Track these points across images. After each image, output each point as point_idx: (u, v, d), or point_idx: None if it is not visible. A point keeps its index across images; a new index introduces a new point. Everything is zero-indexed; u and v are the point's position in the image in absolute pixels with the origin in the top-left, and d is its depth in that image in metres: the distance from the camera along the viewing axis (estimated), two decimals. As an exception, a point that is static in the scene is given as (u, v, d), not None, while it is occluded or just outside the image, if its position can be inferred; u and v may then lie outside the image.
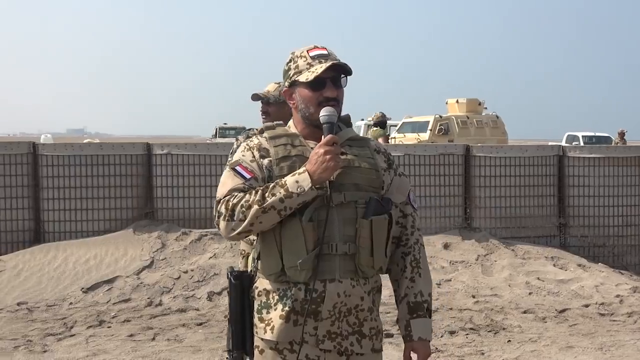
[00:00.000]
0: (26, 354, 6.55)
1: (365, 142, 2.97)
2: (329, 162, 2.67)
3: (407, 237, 2.96)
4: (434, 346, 6.79)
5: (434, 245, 9.66)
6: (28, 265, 8.86)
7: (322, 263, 2.74)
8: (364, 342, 2.82)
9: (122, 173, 9.66)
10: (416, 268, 2.94)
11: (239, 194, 2.76)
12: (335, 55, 2.88)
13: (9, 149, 9.57)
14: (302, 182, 2.68)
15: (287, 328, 2.76)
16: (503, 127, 26.44)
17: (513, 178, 10.22)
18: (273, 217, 2.70)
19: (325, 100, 2.82)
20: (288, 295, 2.76)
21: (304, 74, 2.83)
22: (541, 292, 8.59)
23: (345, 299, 2.76)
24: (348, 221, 2.78)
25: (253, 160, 2.85)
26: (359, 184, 2.81)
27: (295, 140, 2.87)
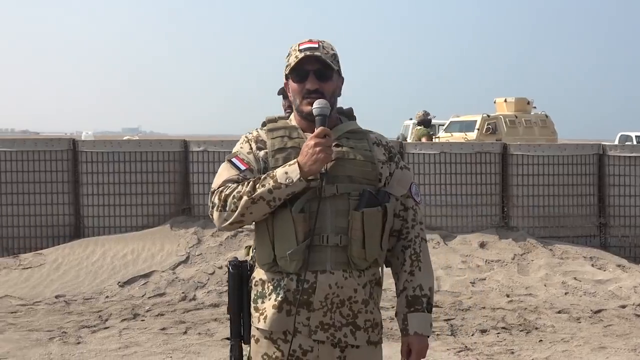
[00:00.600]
0: (60, 345, 6.69)
1: (364, 134, 2.97)
2: (319, 154, 2.68)
3: (408, 230, 2.95)
4: (464, 344, 6.76)
5: (470, 244, 9.60)
6: (67, 259, 9.06)
7: (313, 254, 2.75)
8: (358, 334, 2.82)
9: (159, 170, 9.81)
10: (416, 262, 2.92)
11: (232, 184, 2.80)
12: (327, 50, 2.89)
13: (49, 145, 9.79)
14: (291, 173, 2.71)
15: (279, 318, 2.78)
16: (552, 127, 26.05)
17: (552, 177, 10.10)
18: (263, 208, 2.73)
19: (307, 92, 2.84)
20: (281, 285, 2.78)
21: (290, 66, 2.88)
22: (577, 292, 8.47)
23: (337, 290, 2.77)
24: (340, 213, 2.78)
25: (250, 152, 2.89)
26: (353, 176, 2.82)
27: (293, 133, 2.90)
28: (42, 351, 6.50)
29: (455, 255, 9.32)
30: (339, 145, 2.85)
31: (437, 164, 10.01)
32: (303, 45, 2.88)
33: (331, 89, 2.89)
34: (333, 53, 2.91)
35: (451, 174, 9.99)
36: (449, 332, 7.14)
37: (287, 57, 2.93)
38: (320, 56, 2.84)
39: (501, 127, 24.88)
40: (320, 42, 2.90)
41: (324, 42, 2.91)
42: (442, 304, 8.08)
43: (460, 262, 9.14)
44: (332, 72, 2.89)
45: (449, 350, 6.60)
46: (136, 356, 6.43)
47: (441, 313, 7.74)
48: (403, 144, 10.33)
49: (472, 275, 8.84)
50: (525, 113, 25.73)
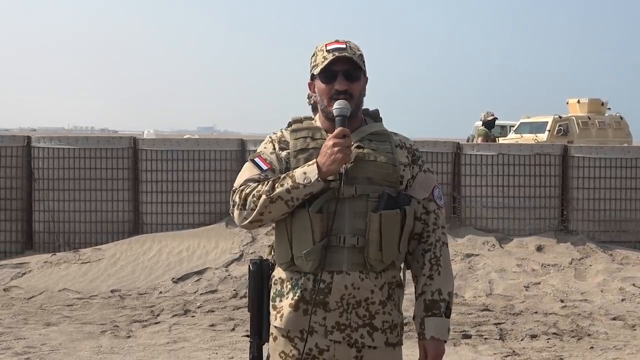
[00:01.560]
0: (111, 339, 6.85)
1: (387, 136, 2.95)
2: (337, 155, 2.68)
3: (429, 234, 2.93)
4: (512, 349, 6.66)
5: (527, 247, 9.45)
6: (125, 255, 9.27)
7: (330, 254, 2.75)
8: (375, 335, 2.81)
9: (217, 168, 9.95)
10: (435, 265, 2.89)
11: (252, 184, 2.82)
12: (354, 50, 2.88)
13: (111, 143, 10.04)
14: (309, 173, 2.72)
15: (296, 316, 2.79)
16: (627, 129, 25.38)
17: (614, 180, 9.86)
18: (281, 207, 2.75)
19: (336, 93, 2.83)
20: (299, 284, 2.80)
21: (318, 66, 2.87)
22: (635, 298, 8.25)
23: (353, 291, 2.77)
24: (359, 214, 2.78)
25: (272, 152, 2.91)
26: (373, 177, 2.81)
27: (316, 134, 2.90)
28: (93, 344, 6.67)
29: (510, 258, 9.18)
30: (360, 146, 2.85)
31: (494, 166, 9.87)
32: (330, 45, 2.88)
33: (359, 90, 2.89)
34: (360, 53, 2.90)
35: (509, 176, 9.85)
36: (498, 337, 7.04)
37: (313, 57, 2.93)
38: (352, 57, 2.83)
39: (573, 128, 24.35)
40: (347, 43, 2.90)
41: (350, 43, 2.91)
42: (494, 307, 7.98)
43: (515, 266, 9.00)
44: (361, 72, 2.89)
45: (495, 355, 6.51)
46: (183, 351, 6.54)
47: (491, 317, 7.64)
48: (460, 145, 10.22)
49: (526, 279, 8.70)
50: (599, 114, 25.13)
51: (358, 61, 2.86)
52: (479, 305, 8.10)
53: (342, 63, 2.83)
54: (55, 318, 7.50)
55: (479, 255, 9.27)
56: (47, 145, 10.01)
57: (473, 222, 9.90)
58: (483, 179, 9.88)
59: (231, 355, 6.45)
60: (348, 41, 2.91)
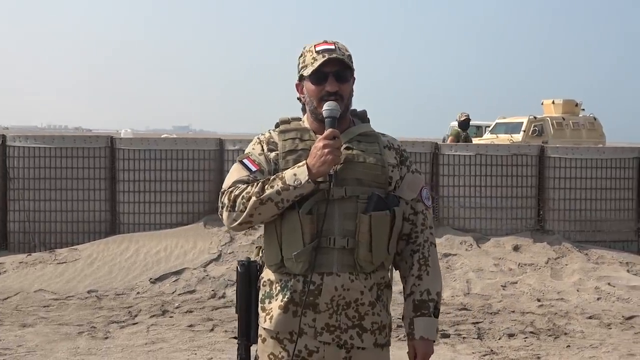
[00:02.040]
0: (88, 340, 6.79)
1: (375, 137, 2.95)
2: (327, 156, 2.68)
3: (417, 234, 2.93)
4: (490, 348, 6.70)
5: (504, 247, 9.50)
6: (101, 255, 9.20)
7: (320, 256, 2.75)
8: (365, 336, 2.81)
9: (195, 168, 9.91)
10: (424, 266, 2.90)
11: (241, 185, 2.80)
12: (343, 51, 2.87)
13: (88, 142, 9.97)
14: (300, 175, 2.71)
15: (285, 318, 2.78)
16: (601, 129, 25.63)
17: (590, 180, 9.95)
18: (271, 209, 2.74)
19: (327, 94, 2.82)
20: (288, 286, 2.79)
21: (308, 68, 2.85)
22: (610, 297, 8.33)
23: (343, 293, 2.76)
24: (348, 216, 2.78)
25: (261, 154, 2.90)
26: (362, 179, 2.81)
27: (304, 135, 2.90)
28: (70, 345, 6.62)
29: (487, 258, 9.23)
30: (349, 147, 2.85)
31: (472, 166, 9.93)
32: (320, 46, 2.87)
33: (348, 91, 2.89)
34: (349, 54, 2.90)
35: (486, 176, 9.91)
36: (476, 336, 7.07)
37: (301, 57, 2.91)
38: (343, 58, 2.83)
39: (548, 129, 24.54)
40: (335, 43, 2.89)
41: (338, 43, 2.90)
42: (472, 306, 8.02)
43: (493, 265, 9.05)
44: (350, 73, 2.88)
45: (474, 354, 6.54)
46: (161, 352, 6.50)
47: (469, 316, 7.68)
48: (438, 145, 10.26)
49: (503, 279, 8.75)
50: (573, 115, 25.36)
51: (348, 62, 2.85)
52: (457, 304, 8.14)
53: (332, 64, 2.83)
54: (31, 319, 7.43)
55: (457, 255, 9.31)
56: (22, 145, 9.92)
57: (451, 222, 9.95)
58: (461, 179, 9.93)
59: (210, 355, 6.43)
60: (336, 42, 2.91)
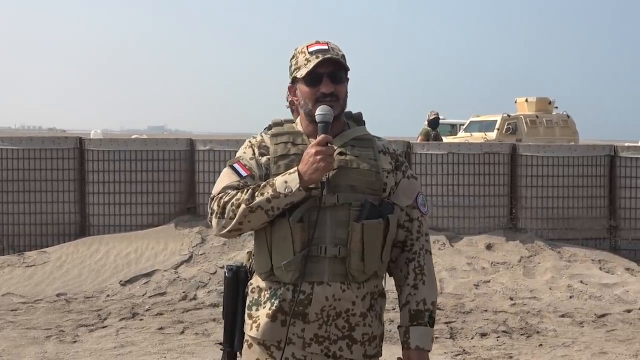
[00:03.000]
0: (56, 344, 6.69)
1: (370, 142, 2.86)
2: (319, 163, 2.59)
3: (412, 242, 2.85)
4: (462, 348, 6.68)
5: (477, 245, 9.49)
6: (71, 257, 9.08)
7: (310, 265, 2.66)
8: (354, 348, 2.74)
9: (165, 168, 9.81)
10: (420, 275, 2.82)
11: (231, 191, 2.71)
12: (336, 51, 2.79)
13: (56, 143, 9.83)
14: (291, 182, 2.62)
15: (273, 327, 2.71)
16: (574, 127, 25.80)
17: (561, 178, 9.96)
18: (261, 217, 2.65)
19: (322, 96, 2.74)
20: (277, 294, 2.71)
21: (301, 69, 2.77)
22: (583, 295, 8.35)
23: (334, 303, 2.68)
24: (341, 223, 2.69)
25: (252, 158, 2.81)
26: (355, 185, 2.72)
27: (297, 139, 2.80)
28: (38, 350, 6.51)
29: (460, 256, 9.22)
30: (342, 153, 2.76)
31: (444, 165, 9.91)
32: (312, 47, 2.79)
33: (344, 92, 2.80)
34: (342, 54, 2.82)
35: (459, 175, 9.89)
36: (448, 335, 7.06)
37: (293, 59, 2.83)
38: (338, 59, 2.75)
39: (521, 127, 24.67)
40: (328, 43, 2.81)
41: (330, 43, 2.82)
42: (444, 306, 8.00)
43: (465, 264, 9.04)
44: (345, 74, 2.80)
45: (446, 354, 6.52)
46: (130, 356, 6.42)
47: (442, 315, 7.65)
48: (411, 144, 10.24)
49: (476, 278, 8.74)
50: (547, 113, 25.51)
51: (343, 62, 2.77)
52: (440, 307, 8.11)
53: (326, 65, 2.75)
54: (-1, 323, 7.32)
55: (430, 254, 9.29)
56: (-11, 146, 9.77)
57: (423, 221, 9.92)
58: (433, 178, 9.91)
59: (180, 358, 6.36)
60: (328, 42, 2.83)
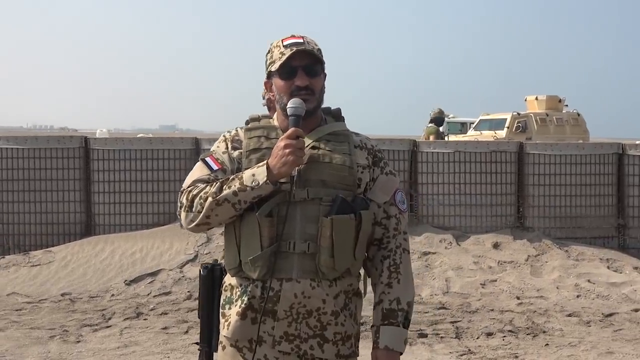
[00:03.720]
0: (60, 344, 6.67)
1: (346, 137, 2.81)
2: (288, 156, 2.55)
3: (389, 239, 2.79)
4: (467, 348, 6.63)
5: (483, 244, 9.43)
6: (76, 257, 9.07)
7: (279, 261, 2.62)
8: (326, 347, 2.68)
9: (171, 167, 9.79)
10: (394, 273, 2.75)
11: (201, 184, 2.68)
12: (312, 45, 2.75)
13: (62, 143, 9.83)
14: (258, 175, 2.58)
15: (243, 325, 2.66)
16: (584, 125, 25.66)
17: (569, 177, 9.90)
18: (228, 211, 2.62)
19: (297, 89, 2.70)
20: (247, 291, 2.66)
21: (276, 63, 2.73)
22: (590, 295, 8.27)
23: (303, 300, 2.63)
24: (310, 219, 2.64)
25: (225, 152, 2.78)
26: (327, 180, 2.67)
27: (271, 133, 2.77)
28: (41, 349, 6.49)
29: (467, 255, 9.16)
30: (316, 147, 2.72)
31: (451, 163, 9.85)
32: (287, 40, 2.75)
33: (319, 85, 2.76)
34: (318, 48, 2.78)
35: (465, 173, 9.84)
36: (454, 335, 7.00)
37: (268, 54, 2.80)
38: (312, 50, 2.71)
39: (531, 125, 24.55)
40: (304, 37, 2.77)
41: (307, 37, 2.78)
42: (450, 305, 7.94)
43: (472, 263, 8.98)
44: (321, 67, 2.76)
45: (451, 354, 6.46)
46: (134, 356, 6.39)
47: (448, 315, 7.60)
48: (417, 142, 10.18)
49: (483, 277, 8.68)
50: (557, 111, 25.38)
51: (318, 55, 2.74)
52: (435, 303, 8.06)
53: (301, 58, 2.70)
54: (3, 323, 7.29)
55: (436, 253, 9.23)
56: (-5, 146, 9.78)
57: (430, 220, 9.87)
58: (440, 177, 9.86)
59: (183, 358, 6.33)
60: (304, 36, 2.79)
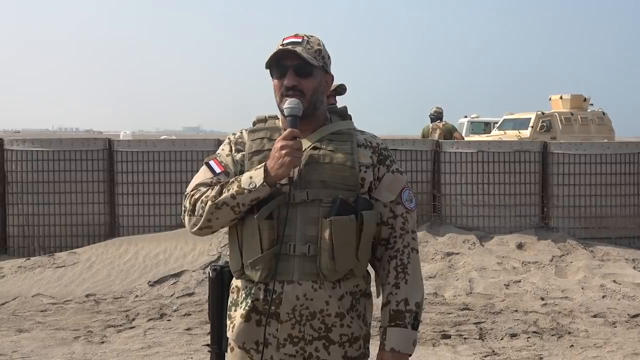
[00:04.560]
0: (84, 345, 6.71)
1: (349, 136, 2.77)
2: (284, 158, 2.53)
3: (395, 239, 2.75)
4: (491, 349, 6.58)
5: (507, 245, 9.37)
6: (100, 258, 9.13)
7: (281, 263, 2.60)
8: (332, 349, 2.66)
9: (194, 169, 9.81)
10: (402, 273, 2.71)
11: (203, 188, 2.68)
12: (312, 44, 2.73)
13: (86, 145, 9.90)
14: (255, 178, 2.57)
15: (246, 328, 2.66)
16: (610, 124, 25.44)
17: (594, 176, 9.82)
18: (228, 214, 2.61)
19: (285, 89, 2.68)
20: (251, 294, 2.66)
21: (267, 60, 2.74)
22: (616, 295, 8.19)
23: (306, 302, 2.61)
24: (311, 220, 2.62)
25: (229, 155, 2.77)
26: (327, 181, 2.64)
27: (274, 134, 2.74)
28: (66, 350, 6.53)
29: (491, 256, 9.10)
30: (317, 147, 2.70)
31: (474, 163, 9.80)
32: (287, 39, 2.74)
33: (312, 86, 2.71)
34: (318, 49, 2.75)
35: (489, 174, 9.78)
36: (478, 336, 6.95)
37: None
38: (299, 52, 2.67)
39: (556, 124, 24.37)
40: (307, 37, 2.75)
41: (310, 37, 2.76)
42: (474, 306, 7.89)
43: (496, 264, 8.92)
44: (313, 68, 2.72)
45: (475, 355, 6.42)
46: (157, 356, 6.41)
47: (471, 316, 7.56)
48: (440, 142, 10.14)
49: (507, 277, 8.62)
50: (582, 110, 25.17)
51: (307, 56, 2.69)
52: (459, 304, 8.01)
53: (292, 58, 2.69)
54: (28, 324, 7.36)
55: (460, 254, 9.19)
56: (20, 148, 9.86)
57: (453, 221, 9.83)
58: (463, 177, 9.81)
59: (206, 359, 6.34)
60: (309, 35, 2.77)
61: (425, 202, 9.90)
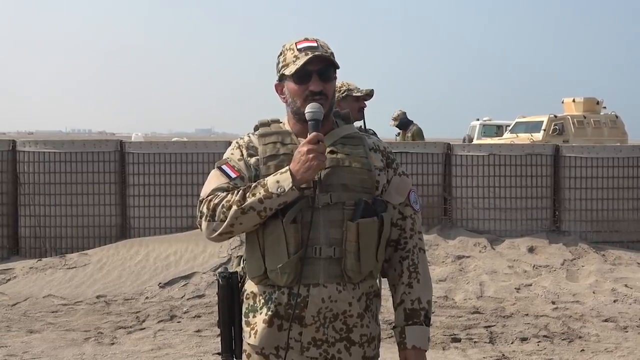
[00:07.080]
0: (94, 346, 6.73)
1: (360, 140, 2.81)
2: (312, 162, 2.55)
3: (406, 240, 2.80)
4: (501, 353, 6.56)
5: (518, 248, 9.35)
6: (111, 259, 9.16)
7: (305, 267, 2.61)
8: (353, 350, 2.68)
9: (205, 171, 9.83)
10: (414, 273, 2.77)
11: (221, 193, 2.67)
12: (325, 48, 2.75)
13: (97, 146, 9.94)
14: (283, 182, 2.57)
15: (270, 333, 2.66)
16: (623, 127, 25.33)
17: (606, 180, 9.78)
18: (253, 219, 2.61)
19: (311, 94, 2.70)
20: (272, 299, 2.66)
21: (290, 66, 2.72)
22: (627, 299, 8.14)
23: (330, 305, 2.63)
24: (335, 223, 2.64)
25: (240, 159, 2.76)
26: (348, 184, 2.67)
27: (286, 138, 2.76)
28: (76, 351, 6.56)
29: (501, 259, 9.08)
30: (333, 151, 2.72)
31: (485, 166, 9.78)
32: (301, 44, 2.74)
33: (332, 90, 2.76)
34: (331, 52, 2.77)
35: (500, 177, 9.76)
36: (488, 340, 6.93)
37: (281, 56, 2.79)
38: (328, 56, 2.71)
39: (569, 127, 24.29)
40: (317, 40, 2.77)
41: (319, 40, 2.78)
42: (484, 310, 7.87)
43: (507, 267, 8.90)
44: (334, 72, 2.76)
45: (485, 359, 6.41)
46: (167, 358, 6.43)
47: (482, 319, 7.53)
48: (451, 145, 10.12)
49: (517, 281, 8.59)
50: (594, 113, 25.08)
51: (332, 60, 2.73)
52: (469, 307, 7.99)
53: (315, 63, 2.70)
54: (39, 325, 7.39)
55: (470, 257, 9.16)
56: (32, 150, 9.92)
57: (464, 224, 9.81)
58: (474, 180, 9.80)
59: (216, 361, 6.35)
60: (317, 39, 2.78)
61: (436, 205, 9.89)
